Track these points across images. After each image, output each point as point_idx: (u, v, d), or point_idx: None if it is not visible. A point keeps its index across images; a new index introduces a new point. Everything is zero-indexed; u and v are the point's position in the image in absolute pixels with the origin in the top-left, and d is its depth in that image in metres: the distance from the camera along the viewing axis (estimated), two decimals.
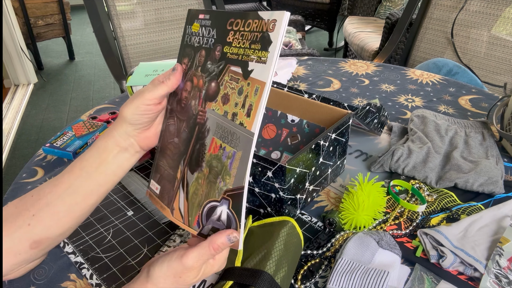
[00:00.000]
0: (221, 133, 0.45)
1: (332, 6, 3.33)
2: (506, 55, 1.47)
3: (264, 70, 0.41)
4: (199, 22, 0.51)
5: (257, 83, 0.42)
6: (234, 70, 0.45)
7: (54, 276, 0.58)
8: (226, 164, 0.44)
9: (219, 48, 0.47)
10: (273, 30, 0.41)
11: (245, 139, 0.42)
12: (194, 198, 0.47)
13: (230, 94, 0.45)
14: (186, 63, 0.51)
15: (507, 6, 1.45)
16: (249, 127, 0.42)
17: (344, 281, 0.52)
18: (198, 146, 0.47)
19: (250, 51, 0.43)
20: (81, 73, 3.30)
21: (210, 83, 0.47)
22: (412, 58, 1.72)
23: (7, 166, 2.19)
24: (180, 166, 0.49)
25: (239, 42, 0.45)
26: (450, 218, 0.66)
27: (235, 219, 0.43)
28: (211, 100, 0.47)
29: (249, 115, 0.42)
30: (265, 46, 0.42)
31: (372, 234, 0.59)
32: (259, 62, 0.42)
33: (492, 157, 0.77)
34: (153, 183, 0.54)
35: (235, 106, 0.44)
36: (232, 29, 0.46)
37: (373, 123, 0.80)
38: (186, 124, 0.49)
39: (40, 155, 0.85)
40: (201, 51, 0.49)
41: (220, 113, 0.45)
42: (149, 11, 1.73)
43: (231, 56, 0.45)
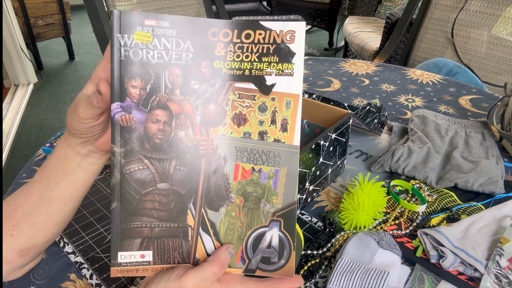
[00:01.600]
0: (247, 156, 0.41)
1: (332, 6, 3.33)
2: (507, 55, 1.47)
3: (293, 82, 0.40)
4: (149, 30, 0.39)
5: (286, 96, 0.40)
6: (242, 87, 0.41)
7: (54, 276, 0.58)
8: (268, 185, 0.41)
9: (206, 63, 0.40)
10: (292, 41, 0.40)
11: (288, 154, 0.41)
12: (230, 234, 0.42)
13: (246, 113, 0.41)
14: (140, 86, 0.40)
15: (507, 6, 1.45)
16: (289, 142, 0.41)
17: (344, 281, 0.52)
18: (215, 179, 0.42)
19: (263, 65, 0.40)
20: (81, 73, 3.30)
21: (206, 106, 0.41)
22: (412, 58, 1.72)
23: (7, 166, 2.19)
24: (189, 212, 0.42)
25: (239, 56, 0.40)
26: (450, 218, 0.66)
27: (288, 240, 0.40)
28: (216, 125, 0.41)
29: (285, 129, 0.41)
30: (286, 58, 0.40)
31: (372, 234, 0.59)
32: (282, 75, 0.40)
33: (492, 157, 0.77)
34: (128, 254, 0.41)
35: (260, 125, 0.41)
36: (220, 40, 0.40)
37: (373, 123, 0.80)
38: (179, 162, 0.41)
39: (40, 155, 0.85)
40: (172, 69, 0.40)
41: (237, 135, 0.41)
42: (149, 11, 1.73)
43: (231, 72, 0.40)
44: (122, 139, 0.40)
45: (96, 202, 0.71)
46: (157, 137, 0.41)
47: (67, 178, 0.46)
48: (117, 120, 0.40)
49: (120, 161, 0.40)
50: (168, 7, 1.75)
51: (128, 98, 0.40)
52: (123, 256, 0.41)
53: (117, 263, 0.41)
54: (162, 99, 0.40)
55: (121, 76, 0.39)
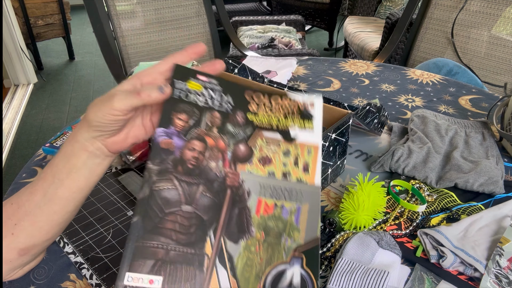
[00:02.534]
0: (271, 192, 0.44)
1: (332, 6, 3.33)
2: (506, 55, 1.47)
3: (313, 135, 0.47)
4: (200, 83, 0.48)
5: (307, 146, 0.46)
6: (269, 136, 0.47)
7: (54, 276, 0.58)
8: (290, 220, 0.43)
9: (241, 114, 0.48)
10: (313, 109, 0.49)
11: (309, 193, 0.44)
12: (248, 270, 0.41)
13: (271, 156, 0.46)
14: (185, 120, 0.46)
15: (507, 6, 1.45)
16: (311, 182, 0.44)
17: (344, 281, 0.52)
18: (237, 211, 0.43)
19: (288, 121, 0.48)
20: (81, 73, 3.30)
21: (237, 146, 0.47)
22: (412, 58, 1.72)
23: (7, 166, 2.19)
24: (209, 239, 0.41)
25: (269, 115, 0.48)
26: (450, 218, 0.66)
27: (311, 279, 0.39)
28: (243, 162, 0.46)
29: (307, 170, 0.45)
30: (308, 119, 0.48)
31: (372, 234, 0.59)
32: (303, 129, 0.47)
33: (492, 157, 0.77)
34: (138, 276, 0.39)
35: (283, 166, 0.46)
36: (254, 100, 0.48)
37: (373, 123, 0.80)
38: (206, 188, 0.44)
39: (40, 155, 0.85)
40: (214, 112, 0.47)
41: (262, 174, 0.45)
42: (149, 11, 1.73)
43: (261, 124, 0.48)
44: (159, 159, 0.44)
45: (96, 202, 0.71)
46: (191, 162, 0.44)
47: (71, 176, 0.46)
48: (159, 142, 0.44)
49: (152, 177, 0.43)
50: (168, 7, 1.75)
51: (172, 126, 0.45)
52: (130, 278, 0.39)
53: (122, 285, 0.38)
54: (200, 133, 0.46)
55: (171, 109, 0.46)
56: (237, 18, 2.71)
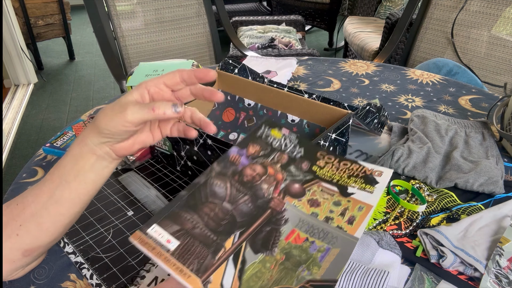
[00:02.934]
0: (306, 228, 0.46)
1: (332, 6, 3.33)
2: (506, 55, 1.47)
3: (370, 197, 0.48)
4: (281, 132, 0.57)
5: (361, 203, 0.48)
6: (326, 186, 0.50)
7: (54, 276, 0.58)
8: (315, 256, 0.43)
9: (307, 163, 0.53)
10: (379, 176, 0.51)
11: (346, 241, 0.44)
12: (254, 281, 0.41)
13: (321, 201, 0.49)
14: (257, 150, 0.54)
15: (507, 6, 1.45)
16: (351, 232, 0.45)
17: (344, 281, 0.52)
18: (270, 229, 0.46)
19: (350, 181, 0.51)
20: (81, 73, 3.30)
21: (293, 183, 0.51)
22: (412, 58, 1.72)
23: (7, 166, 2.19)
24: (233, 237, 0.44)
25: (334, 173, 0.52)
26: (450, 218, 0.66)
27: None
28: (293, 197, 0.49)
29: (351, 223, 0.46)
30: (371, 183, 0.50)
31: (372, 234, 0.59)
32: (363, 190, 0.49)
33: (492, 157, 0.77)
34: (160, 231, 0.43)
35: (329, 212, 0.47)
36: (324, 158, 0.54)
37: (373, 123, 0.80)
38: (251, 199, 0.49)
39: (40, 155, 0.85)
40: (283, 154, 0.54)
41: (305, 211, 0.48)
42: (149, 11, 1.73)
43: (323, 176, 0.52)
44: (224, 165, 0.52)
45: (96, 202, 0.71)
46: (247, 178, 0.51)
47: (78, 178, 0.47)
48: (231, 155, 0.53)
49: (212, 173, 0.50)
50: (168, 7, 1.75)
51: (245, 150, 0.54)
52: (154, 229, 0.42)
53: (145, 232, 0.42)
54: (265, 163, 0.53)
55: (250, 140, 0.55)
56: (237, 18, 2.71)
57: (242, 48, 1.97)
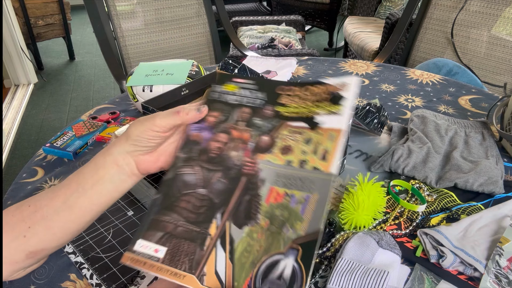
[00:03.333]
0: (284, 181, 0.44)
1: (332, 6, 3.33)
2: (506, 55, 1.47)
3: (339, 119, 0.46)
4: (236, 84, 0.53)
5: (330, 131, 0.45)
6: (293, 125, 0.48)
7: (54, 276, 0.58)
8: (296, 210, 0.42)
9: (270, 108, 0.50)
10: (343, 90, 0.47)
11: (321, 182, 0.43)
12: (245, 256, 0.41)
13: (292, 144, 0.46)
14: (216, 116, 0.51)
15: (507, 6, 1.45)
16: (325, 169, 0.43)
17: (344, 281, 0.52)
18: (248, 197, 0.45)
19: (314, 108, 0.48)
20: (81, 73, 3.30)
21: (260, 137, 0.48)
22: (412, 58, 1.72)
23: (7, 166, 2.19)
24: (215, 221, 0.44)
25: (298, 105, 0.49)
26: (450, 218, 0.66)
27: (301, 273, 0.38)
28: (264, 152, 0.47)
29: (324, 158, 0.44)
30: (337, 102, 0.47)
31: (372, 234, 0.59)
32: (330, 114, 0.46)
33: (492, 157, 0.77)
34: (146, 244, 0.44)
35: (302, 154, 0.45)
36: (285, 93, 0.50)
37: (373, 123, 0.80)
38: (223, 175, 0.47)
39: (40, 155, 0.85)
40: (244, 108, 0.51)
41: (280, 163, 0.46)
42: (149, 11, 1.73)
43: (288, 114, 0.49)
44: (188, 148, 0.50)
45: None
46: (213, 152, 0.49)
47: (95, 187, 0.47)
48: (190, 135, 0.50)
49: (178, 164, 0.49)
50: (168, 7, 1.75)
51: (204, 123, 0.51)
52: (140, 245, 0.44)
53: (133, 250, 0.44)
54: (227, 127, 0.50)
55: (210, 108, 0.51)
56: (237, 18, 2.71)
57: (242, 48, 1.97)
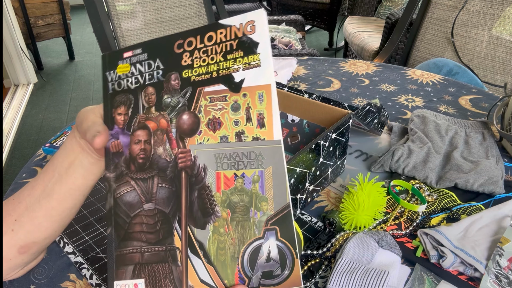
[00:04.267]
0: (228, 162, 0.39)
1: (332, 6, 3.33)
2: (507, 55, 1.47)
3: (262, 73, 0.38)
4: (126, 61, 0.44)
5: (257, 89, 0.38)
6: (212, 90, 0.40)
7: (54, 276, 0.58)
8: (255, 190, 0.38)
9: (175, 76, 0.42)
10: (254, 31, 0.38)
11: (270, 152, 0.37)
12: (222, 254, 0.39)
13: (220, 116, 0.40)
14: (124, 112, 0.44)
15: (507, 6, 1.45)
16: (269, 137, 0.38)
17: (344, 281, 0.52)
18: (197, 193, 0.40)
19: (229, 63, 0.39)
20: (81, 73, 3.30)
21: (180, 117, 0.41)
22: (412, 58, 1.72)
23: (7, 166, 2.19)
24: (175, 232, 0.41)
25: (205, 60, 0.40)
26: (450, 218, 0.66)
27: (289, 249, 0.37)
28: (191, 135, 0.41)
29: (263, 125, 0.38)
30: (251, 50, 0.38)
31: (372, 234, 0.59)
32: (249, 68, 0.38)
33: (492, 157, 0.77)
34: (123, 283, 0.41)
35: (235, 125, 0.39)
36: (185, 50, 0.41)
37: (373, 123, 0.80)
38: (161, 179, 0.42)
39: (40, 155, 0.85)
40: (147, 89, 0.43)
41: (214, 141, 0.40)
42: (149, 11, 1.73)
43: (199, 78, 0.40)
44: (113, 165, 0.44)
45: (96, 202, 0.71)
46: (140, 157, 0.43)
47: (69, 172, 0.47)
48: (109, 147, 0.44)
49: (112, 186, 0.43)
50: (168, 7, 1.75)
51: (116, 126, 0.44)
52: (118, 286, 0.41)
53: None
54: (141, 120, 0.43)
55: (110, 107, 0.44)
56: None
57: None
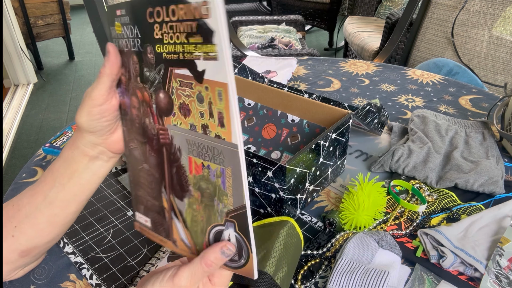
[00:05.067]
0: (197, 150, 0.38)
1: (332, 6, 3.33)
2: (507, 55, 1.47)
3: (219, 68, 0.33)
4: (119, 20, 0.41)
5: (217, 85, 0.34)
6: (181, 73, 0.37)
7: (54, 276, 0.58)
8: (218, 183, 0.38)
9: (150, 49, 0.38)
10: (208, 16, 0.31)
11: (229, 154, 0.35)
12: (195, 225, 0.41)
13: (188, 103, 0.37)
14: (124, 73, 0.43)
15: (507, 6, 1.45)
16: (228, 139, 0.35)
17: (344, 281, 0.52)
18: (175, 169, 0.41)
19: (191, 47, 0.34)
20: (81, 73, 3.30)
21: (158, 95, 0.39)
22: (413, 58, 1.72)
23: (7, 166, 2.19)
24: (163, 195, 0.43)
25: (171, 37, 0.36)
26: (450, 218, 0.66)
27: (244, 242, 0.38)
28: (168, 115, 0.39)
29: (223, 125, 0.35)
30: (208, 38, 0.32)
31: (372, 234, 0.59)
32: (208, 59, 0.33)
33: (492, 157, 0.77)
34: (140, 215, 0.48)
35: (201, 117, 0.36)
36: (155, 21, 0.37)
37: (373, 123, 0.80)
38: (150, 147, 0.42)
39: (40, 155, 0.85)
40: (133, 56, 0.40)
41: (185, 127, 0.38)
42: None
43: (169, 56, 0.37)
44: (124, 120, 0.45)
45: (96, 202, 0.71)
46: (137, 121, 0.43)
47: (73, 180, 0.46)
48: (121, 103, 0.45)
49: (126, 138, 0.46)
50: None
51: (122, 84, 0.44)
52: (138, 216, 0.48)
53: (136, 220, 0.49)
54: (133, 87, 0.42)
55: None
56: (237, 18, 2.71)
57: (242, 48, 1.97)
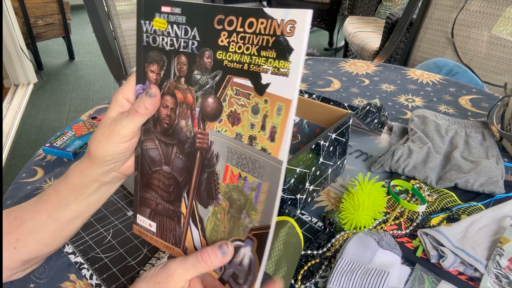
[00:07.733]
0: (237, 159, 0.38)
1: (332, 6, 3.33)
2: (507, 55, 1.47)
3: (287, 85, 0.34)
4: (164, 17, 0.40)
5: (278, 100, 0.34)
6: (240, 83, 0.37)
7: (54, 276, 0.58)
8: (250, 197, 0.37)
9: (209, 53, 0.38)
10: (292, 34, 0.33)
11: (271, 169, 0.35)
12: (214, 235, 0.40)
13: (240, 112, 0.37)
14: (157, 71, 0.42)
15: (507, 6, 1.45)
16: (275, 154, 0.35)
17: (344, 281, 0.52)
18: (206, 175, 0.40)
19: (261, 60, 0.35)
20: (81, 73, 3.30)
21: (206, 99, 0.39)
22: (412, 58, 1.72)
23: (7, 166, 2.19)
24: (184, 200, 0.42)
25: (240, 47, 0.36)
26: (450, 218, 0.66)
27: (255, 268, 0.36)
28: (213, 120, 0.39)
29: (273, 139, 0.35)
30: (283, 55, 0.34)
31: (372, 234, 0.59)
32: (277, 74, 0.34)
33: (492, 157, 0.77)
34: (143, 218, 0.47)
35: (251, 128, 0.37)
36: (224, 28, 0.37)
37: (373, 123, 0.80)
38: (179, 150, 0.42)
39: (40, 155, 0.85)
40: (180, 56, 0.40)
41: (230, 135, 0.38)
42: None
43: (231, 65, 0.37)
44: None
45: None
46: (165, 121, 0.42)
47: (79, 202, 0.46)
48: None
49: (141, 137, 0.45)
50: None
51: (148, 81, 0.42)
52: (139, 219, 0.47)
53: (137, 223, 0.48)
54: (171, 86, 0.41)
55: (143, 61, 0.42)
56: None
57: None
